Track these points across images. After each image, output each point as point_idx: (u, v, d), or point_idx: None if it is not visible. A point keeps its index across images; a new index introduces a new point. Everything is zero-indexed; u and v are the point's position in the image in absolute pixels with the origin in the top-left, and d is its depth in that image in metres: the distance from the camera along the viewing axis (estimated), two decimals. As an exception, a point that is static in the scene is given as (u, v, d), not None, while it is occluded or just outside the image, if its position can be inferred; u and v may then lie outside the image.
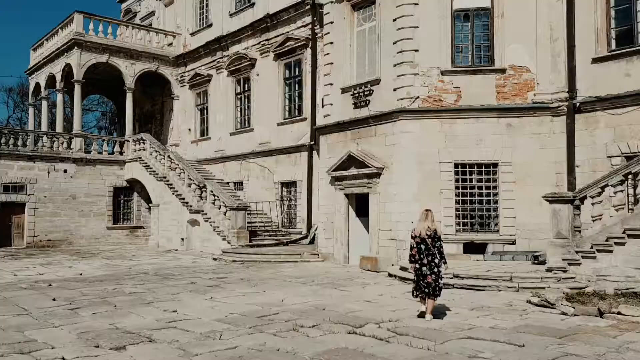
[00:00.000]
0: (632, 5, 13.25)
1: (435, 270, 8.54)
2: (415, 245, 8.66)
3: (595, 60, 13.67)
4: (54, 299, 10.57)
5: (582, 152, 13.77)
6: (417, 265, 8.61)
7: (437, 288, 8.53)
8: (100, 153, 27.62)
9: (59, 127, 28.96)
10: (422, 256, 8.57)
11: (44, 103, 31.71)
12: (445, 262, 8.70)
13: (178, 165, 24.87)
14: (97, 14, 28.15)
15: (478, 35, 15.03)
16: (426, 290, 8.51)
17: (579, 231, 11.48)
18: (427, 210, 8.89)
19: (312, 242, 20.42)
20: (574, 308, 8.93)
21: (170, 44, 30.25)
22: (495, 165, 14.53)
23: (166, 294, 11.32)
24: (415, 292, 8.75)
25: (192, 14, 29.90)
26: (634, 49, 13.07)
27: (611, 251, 10.63)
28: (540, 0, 14.56)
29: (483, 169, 14.62)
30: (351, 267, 15.87)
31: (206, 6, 29.10)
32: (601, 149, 13.47)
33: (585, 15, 13.83)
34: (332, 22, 17.47)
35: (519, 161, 14.37)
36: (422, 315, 8.53)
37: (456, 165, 14.66)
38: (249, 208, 22.01)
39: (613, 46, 13.55)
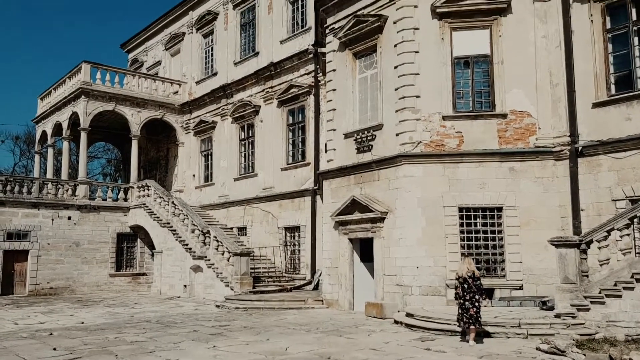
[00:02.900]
0: (630, 51, 13.47)
1: (476, 304, 10.25)
2: (458, 285, 10.45)
3: (596, 105, 13.80)
4: (54, 349, 10.40)
5: (587, 195, 13.75)
6: (461, 301, 10.33)
7: (478, 318, 10.22)
8: (105, 200, 27.70)
9: (64, 175, 29.18)
10: (464, 293, 10.31)
11: (50, 151, 32.04)
12: (484, 298, 10.58)
13: (182, 211, 24.88)
14: (104, 64, 28.79)
15: (478, 81, 15.26)
16: (470, 320, 10.19)
17: (587, 276, 11.33)
18: (464, 255, 10.94)
19: (316, 287, 20.19)
20: (584, 355, 8.73)
21: (175, 92, 30.79)
22: (500, 209, 14.49)
23: (168, 342, 11.12)
24: (459, 322, 10.47)
25: (198, 63, 30.56)
26: (633, 93, 13.20)
27: (620, 296, 10.46)
28: (538, 46, 14.83)
29: (487, 213, 14.57)
30: (356, 314, 15.62)
31: (211, 56, 29.77)
32: (605, 193, 13.44)
33: (584, 61, 14.05)
34: (334, 70, 17.79)
35: (523, 205, 14.34)
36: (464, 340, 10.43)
37: (460, 209, 14.63)
38: (252, 254, 21.88)
39: (613, 91, 13.69)
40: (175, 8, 32.12)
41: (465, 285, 10.34)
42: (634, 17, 13.41)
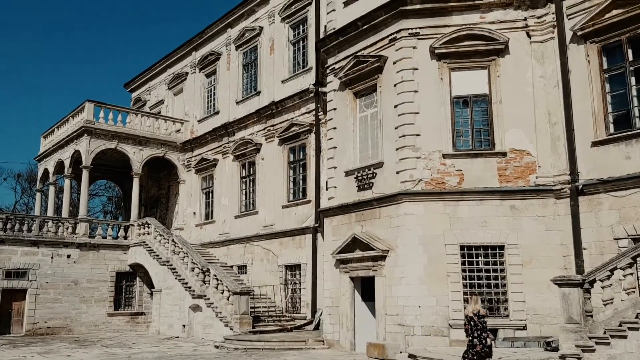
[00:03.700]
0: (627, 91, 13.62)
1: (483, 341, 10.51)
2: (467, 322, 10.83)
3: (595, 144, 13.88)
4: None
5: (588, 234, 13.68)
6: (470, 338, 10.62)
7: (482, 354, 10.41)
8: (105, 238, 27.59)
9: (65, 212, 29.16)
10: (472, 331, 10.62)
11: (51, 189, 32.12)
12: (489, 336, 10.53)
13: (182, 249, 24.75)
14: (107, 103, 29.15)
15: (478, 120, 15.40)
16: (475, 357, 10.40)
17: (591, 316, 11.17)
18: (472, 295, 11.52)
19: (317, 327, 19.89)
20: (591, 398, 8.52)
21: (178, 131, 31.08)
22: (502, 247, 14.40)
23: (166, 384, 10.89)
24: (464, 358, 10.63)
25: (200, 102, 30.93)
26: (632, 132, 13.28)
27: (625, 337, 10.29)
28: (537, 86, 15.02)
29: (489, 251, 14.48)
30: (358, 355, 15.34)
31: (214, 95, 30.17)
32: (607, 231, 13.38)
33: (582, 100, 14.20)
34: (335, 109, 17.99)
35: (525, 243, 14.25)
36: None
37: (462, 247, 14.54)
38: (252, 292, 21.65)
39: (611, 130, 13.78)
40: (179, 49, 32.72)
41: (472, 323, 10.72)
42: (631, 58, 13.62)
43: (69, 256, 26.08)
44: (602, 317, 10.93)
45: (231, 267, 25.53)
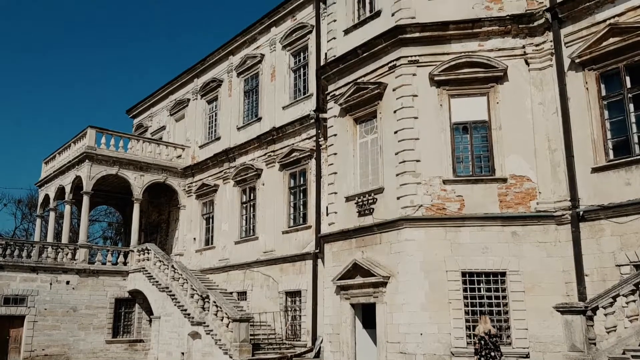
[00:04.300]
0: (626, 117, 13.69)
1: None
2: (477, 341, 11.26)
3: (595, 170, 13.90)
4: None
5: (590, 260, 13.60)
6: (478, 357, 11.13)
7: None
8: (104, 264, 27.44)
9: (64, 238, 29.08)
10: (481, 349, 11.07)
11: (52, 214, 32.08)
12: (502, 355, 11.05)
13: (181, 275, 24.59)
14: (109, 129, 29.27)
15: (477, 146, 15.45)
16: None
17: (594, 343, 11.05)
18: (482, 315, 11.99)
19: (317, 355, 19.65)
20: None
21: (179, 156, 31.19)
22: (503, 274, 14.31)
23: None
24: None
25: (202, 128, 31.11)
26: (632, 158, 13.31)
27: (630, 365, 10.16)
28: (536, 113, 15.11)
29: (491, 277, 14.39)
30: (358, 383, 15.12)
31: (215, 121, 30.36)
32: (609, 258, 13.30)
33: (581, 126, 14.27)
34: (335, 135, 18.08)
35: (526, 270, 14.17)
36: None
37: (463, 274, 14.45)
38: (252, 319, 21.44)
39: (611, 156, 13.81)
40: (181, 76, 33.04)
41: (482, 342, 11.19)
42: (629, 85, 13.72)
43: (68, 282, 25.90)
44: (605, 345, 10.82)
45: (231, 293, 25.33)
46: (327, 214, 18.20)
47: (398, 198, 15.39)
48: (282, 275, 23.25)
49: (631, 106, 13.68)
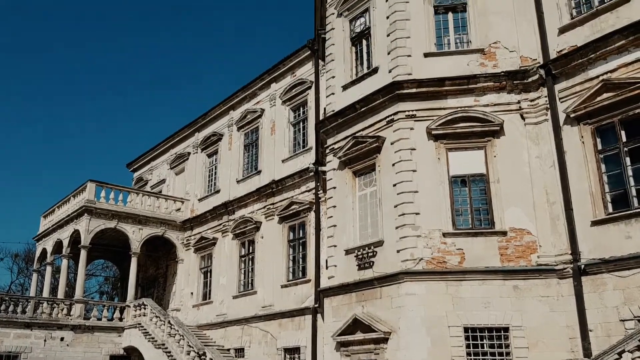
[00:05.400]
0: (623, 171, 13.76)
1: None
2: None
3: (595, 223, 13.86)
4: None
5: (594, 315, 13.37)
6: None
7: None
8: (100, 319, 26.96)
9: (60, 293, 28.68)
10: None
11: (48, 269, 31.79)
12: None
13: (178, 331, 24.11)
14: (109, 183, 29.42)
15: (476, 199, 15.48)
16: None
17: (603, 402, 10.74)
18: None
19: (317, 415, 19.03)
20: None
21: (178, 209, 31.19)
22: (506, 329, 14.03)
23: None
24: None
25: (201, 181, 31.26)
26: (631, 212, 13.30)
27: None
28: (533, 166, 15.22)
29: (494, 333, 14.08)
30: None
31: (215, 174, 30.54)
32: (613, 312, 13.07)
33: (579, 180, 14.34)
34: (334, 188, 18.15)
35: (530, 325, 13.90)
36: None
37: (466, 329, 14.16)
38: (250, 377, 20.89)
39: (610, 209, 13.80)
40: (182, 130, 33.48)
41: None
42: (624, 139, 13.86)
43: (62, 339, 25.36)
44: (614, 404, 10.51)
45: (228, 350, 24.78)
46: (327, 267, 18.04)
47: (398, 251, 15.29)
48: (280, 331, 22.79)
49: (627, 160, 13.77)
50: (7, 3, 76.41)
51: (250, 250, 26.31)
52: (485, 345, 14.04)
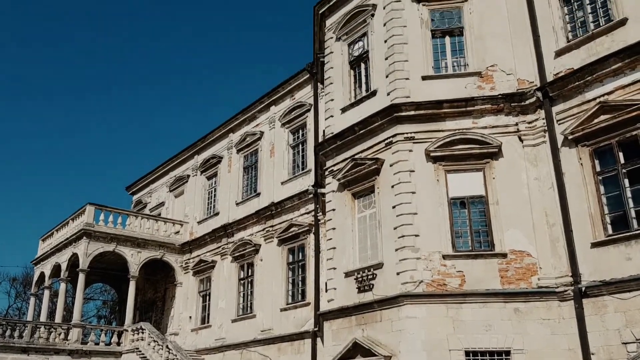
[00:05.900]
0: (622, 192, 13.75)
1: None
2: None
3: (595, 245, 13.80)
4: None
5: (595, 338, 13.23)
6: None
7: None
8: (97, 344, 26.64)
9: (58, 317, 28.39)
10: None
11: (46, 292, 31.50)
12: None
13: (176, 356, 23.84)
14: (108, 206, 29.33)
15: (476, 221, 15.44)
16: None
17: None
18: None
19: None
20: None
21: (177, 232, 31.07)
22: (508, 353, 13.86)
23: None
24: None
25: (201, 204, 31.21)
26: (631, 233, 13.24)
27: None
28: (532, 188, 15.22)
29: (495, 357, 13.91)
30: None
31: (214, 196, 30.51)
32: (614, 335, 12.94)
33: (578, 201, 14.31)
34: (334, 210, 18.12)
35: (531, 349, 13.74)
36: None
37: (467, 353, 13.99)
38: (249, 403, 20.58)
39: (610, 231, 13.75)
40: (182, 152, 33.56)
41: None
42: (622, 161, 13.87)
43: (58, 364, 25.05)
44: None
45: (227, 374, 24.48)
46: (327, 290, 17.91)
47: (398, 273, 15.20)
48: (280, 356, 22.51)
49: (626, 181, 13.76)
50: None
51: (250, 273, 26.15)
52: (486, 369, 13.86)
